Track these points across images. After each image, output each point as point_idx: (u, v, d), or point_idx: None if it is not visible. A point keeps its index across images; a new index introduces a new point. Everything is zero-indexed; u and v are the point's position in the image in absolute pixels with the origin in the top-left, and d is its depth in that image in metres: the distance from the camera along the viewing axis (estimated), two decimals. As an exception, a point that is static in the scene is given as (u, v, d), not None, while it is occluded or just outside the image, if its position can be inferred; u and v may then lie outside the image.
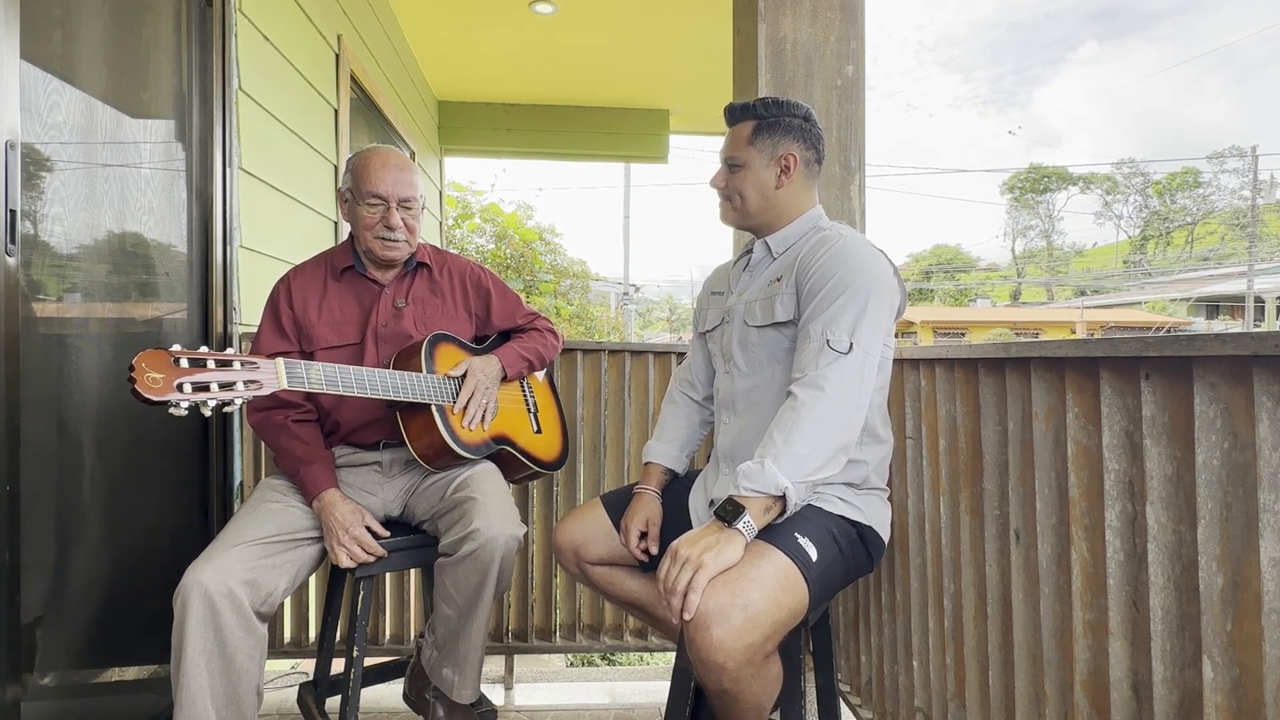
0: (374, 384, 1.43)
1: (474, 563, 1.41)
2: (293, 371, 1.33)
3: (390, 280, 1.64)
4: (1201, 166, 45.28)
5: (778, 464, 1.16)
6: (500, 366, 1.64)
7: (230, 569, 1.30)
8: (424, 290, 1.67)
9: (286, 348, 1.57)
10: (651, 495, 1.53)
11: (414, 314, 1.63)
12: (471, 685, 1.55)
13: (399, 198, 1.57)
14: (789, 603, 1.16)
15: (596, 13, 4.09)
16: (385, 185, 1.55)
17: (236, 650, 1.30)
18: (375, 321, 1.60)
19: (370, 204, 1.56)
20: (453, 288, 1.71)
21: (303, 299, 1.59)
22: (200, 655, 1.27)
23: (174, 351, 1.19)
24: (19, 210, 1.24)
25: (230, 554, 1.33)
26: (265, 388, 1.28)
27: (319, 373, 1.36)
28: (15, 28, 1.23)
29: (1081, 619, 1.03)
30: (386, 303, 1.62)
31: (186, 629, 1.26)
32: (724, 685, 1.13)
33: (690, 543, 1.15)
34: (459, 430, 1.53)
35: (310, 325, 1.57)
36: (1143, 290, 36.52)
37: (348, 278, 1.63)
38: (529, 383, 1.81)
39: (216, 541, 1.37)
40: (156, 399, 1.14)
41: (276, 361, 1.32)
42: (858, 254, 1.31)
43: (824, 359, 1.22)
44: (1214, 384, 0.83)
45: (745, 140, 1.43)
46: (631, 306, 14.77)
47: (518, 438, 1.70)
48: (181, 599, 1.27)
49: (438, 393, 1.51)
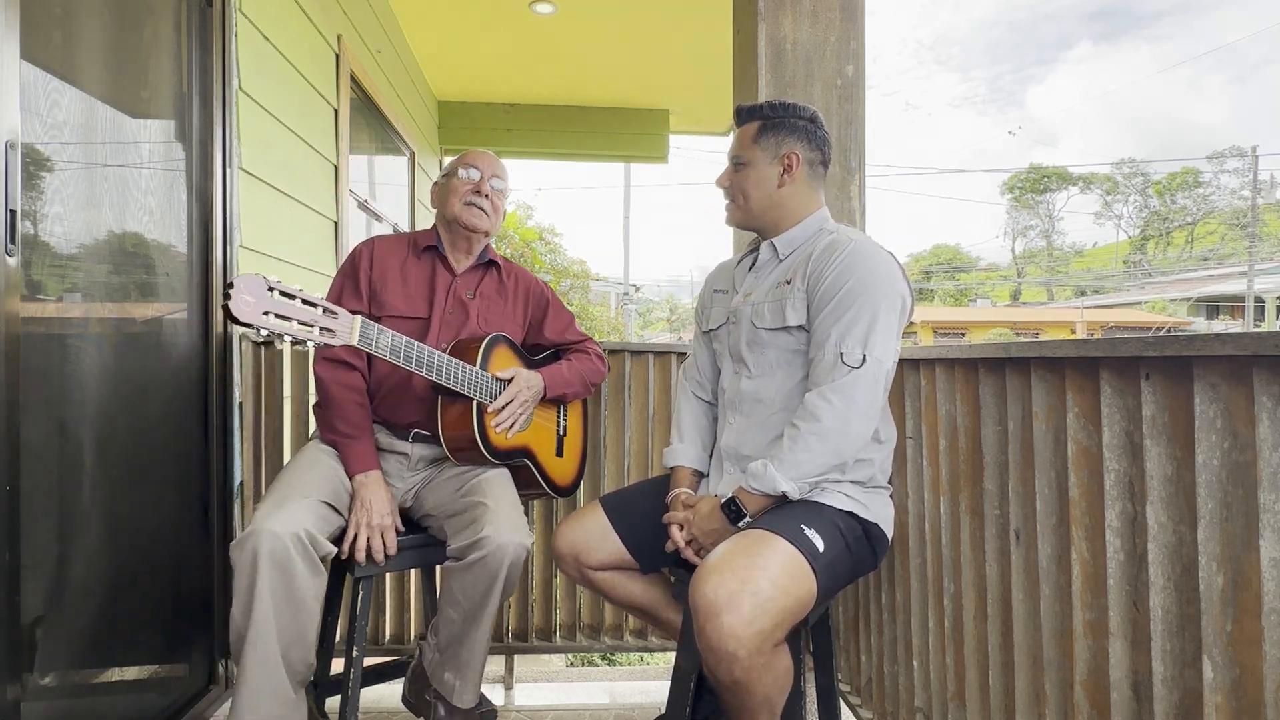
0: (431, 364, 1.48)
1: (482, 569, 1.43)
2: (366, 333, 1.38)
3: (464, 270, 1.73)
4: (1201, 166, 45.27)
5: (780, 469, 1.28)
6: (544, 385, 1.70)
7: (299, 516, 1.37)
8: (492, 288, 1.76)
9: (358, 306, 1.61)
10: (689, 493, 1.51)
11: (479, 308, 1.72)
12: (472, 690, 1.56)
13: (491, 172, 1.71)
14: (797, 591, 1.19)
15: (596, 13, 4.09)
16: (482, 161, 1.72)
17: (305, 592, 1.36)
18: (445, 304, 1.68)
19: (464, 175, 1.69)
20: (516, 293, 1.80)
21: (383, 265, 1.67)
22: (270, 596, 1.32)
23: (270, 280, 1.24)
24: (19, 210, 1.24)
25: (300, 503, 1.39)
26: (339, 339, 1.34)
27: (388, 340, 1.42)
28: (15, 28, 1.23)
29: (1081, 619, 1.03)
30: (457, 290, 1.70)
31: (259, 572, 1.31)
32: (735, 675, 1.15)
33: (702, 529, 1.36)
34: (489, 431, 1.58)
35: (385, 291, 1.64)
36: (1143, 290, 36.52)
37: (427, 256, 1.72)
38: (566, 407, 1.87)
39: (280, 491, 1.43)
40: (244, 320, 1.19)
41: (355, 318, 1.37)
42: (869, 260, 1.33)
43: (838, 373, 1.28)
44: (1214, 384, 0.83)
45: (750, 139, 1.45)
46: (631, 306, 14.79)
47: (540, 455, 1.74)
48: (251, 545, 1.32)
49: (483, 390, 1.57)
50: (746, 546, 1.20)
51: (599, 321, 9.70)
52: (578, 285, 9.33)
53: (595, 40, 4.47)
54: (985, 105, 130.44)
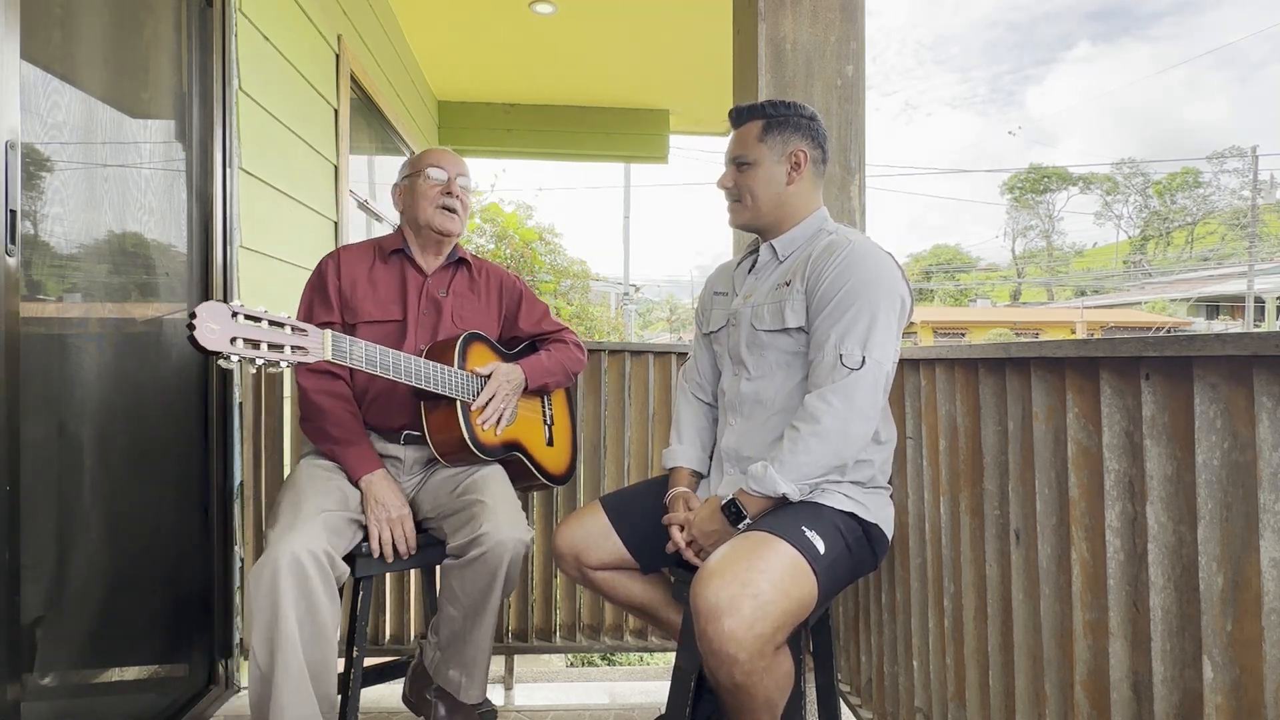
0: (408, 370, 1.47)
1: (482, 566, 1.43)
2: (338, 345, 1.37)
3: (434, 270, 1.71)
4: (1201, 166, 45.23)
5: (781, 471, 1.28)
6: (524, 377, 1.69)
7: (315, 536, 1.35)
8: (464, 286, 1.75)
9: (329, 318, 1.61)
10: (689, 494, 1.50)
11: (453, 306, 1.71)
12: (479, 686, 1.57)
13: (457, 171, 1.71)
14: (798, 593, 1.19)
15: (596, 13, 4.09)
16: (446, 162, 1.70)
17: (324, 612, 1.34)
18: (419, 305, 1.67)
19: (432, 178, 1.67)
20: (488, 289, 1.79)
21: (351, 274, 1.66)
22: (294, 616, 1.30)
23: (233, 305, 1.23)
24: (19, 210, 1.24)
25: (314, 522, 1.38)
26: (311, 355, 1.32)
27: (362, 350, 1.41)
28: (15, 28, 1.23)
29: (1081, 619, 1.03)
30: (430, 290, 1.69)
31: (281, 593, 1.29)
32: (736, 679, 1.15)
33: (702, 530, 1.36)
34: (477, 429, 1.58)
35: (355, 299, 1.64)
36: (1143, 290, 36.50)
37: (395, 260, 1.71)
38: (550, 397, 1.86)
39: (290, 513, 1.41)
40: (212, 348, 1.18)
41: (325, 333, 1.36)
42: (868, 261, 1.33)
43: (837, 374, 1.28)
44: (1214, 384, 0.83)
45: (755, 138, 1.44)
46: (631, 306, 14.79)
47: (530, 447, 1.73)
48: (271, 567, 1.30)
49: (464, 389, 1.57)
50: (747, 549, 1.20)
51: (599, 321, 9.69)
52: (578, 285, 9.31)
53: (595, 40, 4.47)
54: (985, 105, 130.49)
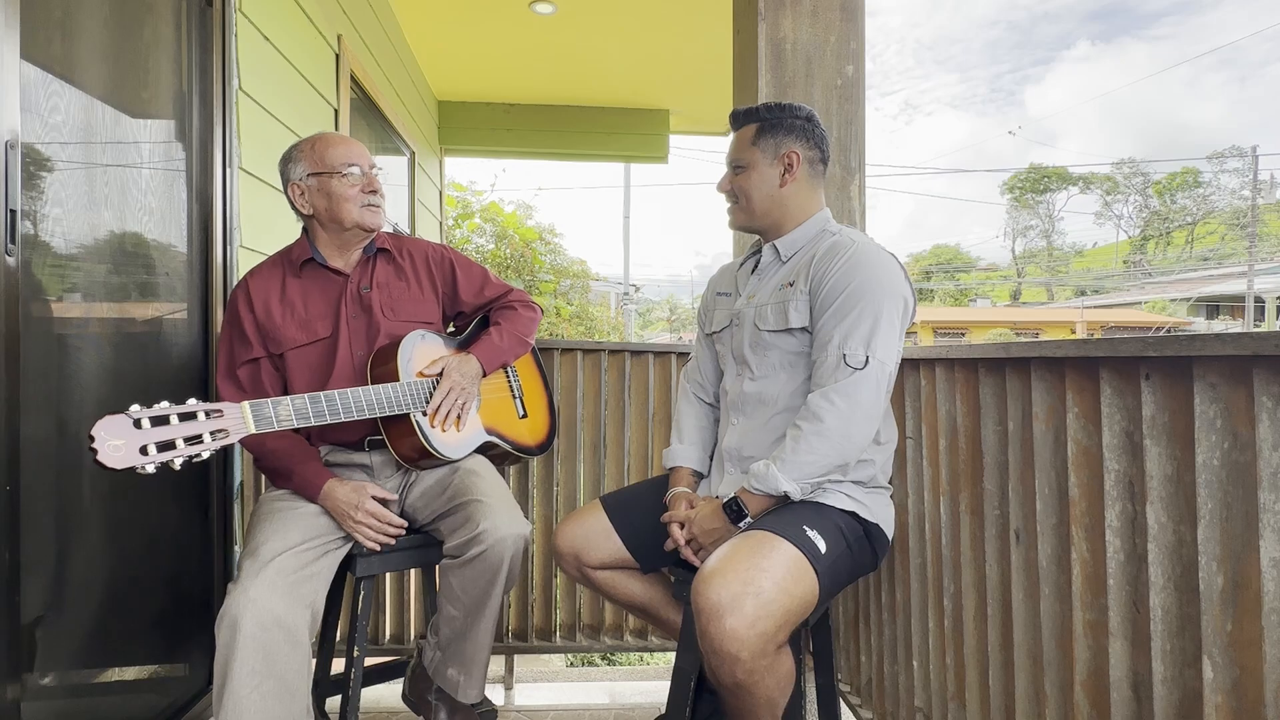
0: (347, 406, 1.39)
1: (483, 564, 1.41)
2: (259, 413, 1.30)
3: (352, 268, 1.60)
4: (1201, 166, 45.27)
5: (783, 470, 1.28)
6: (479, 365, 1.60)
7: (273, 585, 1.28)
8: (387, 274, 1.63)
9: (253, 355, 1.52)
10: (689, 493, 1.51)
11: (380, 298, 1.59)
12: (478, 685, 1.55)
13: (369, 161, 1.57)
14: (799, 592, 1.19)
15: (596, 13, 4.09)
16: (355, 153, 1.55)
17: (286, 668, 1.27)
18: (345, 313, 1.56)
19: (347, 175, 1.53)
20: (415, 268, 1.67)
21: (264, 301, 1.54)
22: (248, 682, 1.23)
23: (132, 413, 1.16)
24: (19, 210, 1.24)
25: (269, 569, 1.30)
26: (233, 435, 1.25)
27: (288, 408, 1.33)
28: (15, 28, 1.23)
29: (1081, 619, 1.03)
30: (352, 291, 1.58)
31: (232, 656, 1.23)
32: (738, 677, 1.15)
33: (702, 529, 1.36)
34: (436, 435, 1.52)
35: (276, 327, 1.53)
36: (1143, 290, 36.50)
37: (308, 272, 1.59)
38: (513, 367, 1.77)
39: (249, 560, 1.33)
40: (122, 468, 1.12)
41: (242, 406, 1.29)
42: (872, 262, 1.34)
43: (841, 374, 1.28)
44: (1214, 384, 0.83)
45: (749, 142, 1.46)
46: (631, 306, 14.78)
47: (504, 429, 1.67)
48: (229, 623, 1.24)
49: (414, 399, 1.49)
50: (749, 548, 1.21)
51: (599, 321, 9.67)
52: (578, 285, 9.30)
53: (595, 40, 4.46)
54: (985, 105, 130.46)
